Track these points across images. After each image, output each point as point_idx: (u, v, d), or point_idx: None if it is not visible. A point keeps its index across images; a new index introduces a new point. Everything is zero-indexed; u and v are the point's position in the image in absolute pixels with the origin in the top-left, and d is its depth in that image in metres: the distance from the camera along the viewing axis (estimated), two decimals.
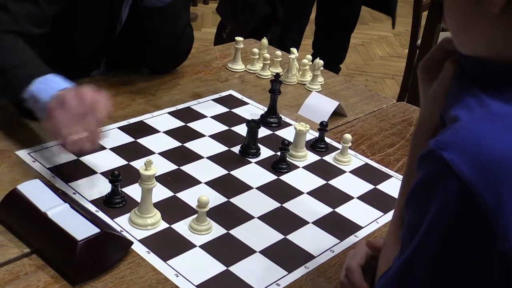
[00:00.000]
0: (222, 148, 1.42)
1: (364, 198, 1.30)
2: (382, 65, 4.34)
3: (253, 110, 1.61)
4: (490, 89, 0.70)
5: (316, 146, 1.45)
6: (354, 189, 1.33)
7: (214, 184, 1.28)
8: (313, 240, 1.16)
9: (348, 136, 1.40)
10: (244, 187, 1.28)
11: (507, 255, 0.63)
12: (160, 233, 1.13)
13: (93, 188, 1.22)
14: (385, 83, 4.08)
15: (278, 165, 1.36)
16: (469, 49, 0.75)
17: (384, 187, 1.35)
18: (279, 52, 1.85)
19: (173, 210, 1.18)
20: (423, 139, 0.82)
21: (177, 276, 1.03)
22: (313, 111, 1.58)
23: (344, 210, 1.26)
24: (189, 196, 1.23)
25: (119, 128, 1.44)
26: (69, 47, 1.50)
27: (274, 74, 1.56)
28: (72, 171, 1.26)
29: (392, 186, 1.35)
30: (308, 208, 1.25)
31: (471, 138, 0.65)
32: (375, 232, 1.20)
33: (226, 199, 1.24)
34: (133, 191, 1.21)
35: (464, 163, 0.64)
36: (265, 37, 1.88)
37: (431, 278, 0.69)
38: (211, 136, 1.46)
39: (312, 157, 1.42)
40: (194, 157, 1.37)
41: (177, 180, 1.28)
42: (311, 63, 1.80)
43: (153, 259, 1.06)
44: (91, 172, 1.27)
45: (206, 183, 1.28)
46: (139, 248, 1.08)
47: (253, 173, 1.34)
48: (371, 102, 1.74)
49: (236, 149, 1.42)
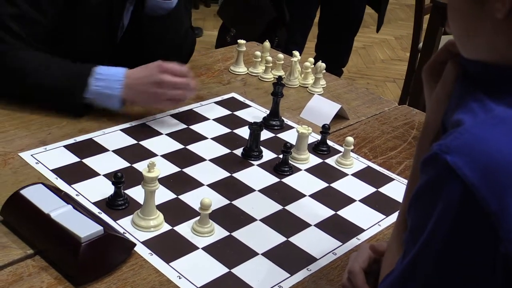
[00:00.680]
0: (224, 150, 1.42)
1: (366, 201, 1.31)
2: (383, 68, 4.35)
3: (255, 112, 1.61)
4: (494, 93, 0.70)
5: (318, 148, 1.46)
6: (356, 192, 1.33)
7: (216, 186, 1.28)
8: (315, 243, 1.16)
9: (350, 139, 1.41)
10: (246, 190, 1.29)
11: (510, 257, 0.64)
12: (162, 235, 1.13)
13: (96, 190, 1.22)
14: (386, 87, 4.08)
15: (281, 167, 1.36)
16: (472, 54, 0.75)
17: (386, 190, 1.35)
18: (281, 55, 1.85)
19: (175, 212, 1.19)
20: (428, 142, 0.82)
21: (179, 278, 1.03)
22: (315, 114, 1.59)
23: (346, 212, 1.26)
24: (191, 198, 1.23)
25: (122, 130, 1.45)
26: (70, 53, 1.50)
27: (276, 77, 1.56)
28: (75, 173, 1.27)
29: (394, 189, 1.35)
30: (310, 210, 1.25)
31: (474, 142, 0.66)
32: (377, 235, 1.21)
33: (228, 202, 1.24)
34: (136, 193, 1.21)
35: (467, 166, 0.65)
36: (266, 41, 1.88)
37: (434, 280, 0.69)
38: (214, 139, 1.46)
39: (314, 160, 1.43)
40: (197, 159, 1.37)
41: (180, 182, 1.28)
42: (313, 66, 1.80)
43: (155, 261, 1.07)
44: (94, 174, 1.27)
45: (208, 185, 1.28)
46: (142, 250, 1.08)
47: (255, 176, 1.34)
48: (373, 105, 1.75)
49: (239, 151, 1.42)
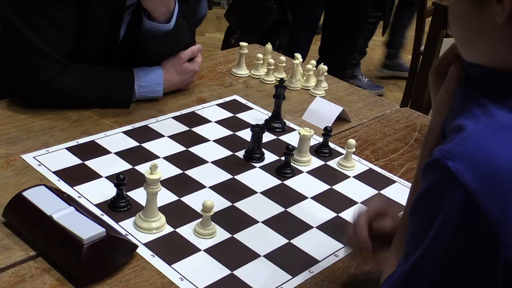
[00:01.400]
0: (226, 152, 1.42)
1: (368, 203, 1.31)
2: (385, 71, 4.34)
3: (257, 115, 1.61)
4: (496, 97, 0.71)
5: (320, 151, 1.46)
6: (358, 194, 1.33)
7: (218, 188, 1.29)
8: (317, 245, 1.16)
9: (352, 142, 1.41)
10: (248, 192, 1.29)
11: (510, 264, 0.64)
12: (164, 237, 1.13)
13: (98, 192, 1.22)
14: (388, 89, 4.08)
15: (283, 170, 1.37)
16: (473, 57, 0.76)
17: (388, 192, 1.35)
18: (283, 58, 1.86)
19: (177, 214, 1.19)
20: (432, 144, 0.82)
21: (181, 280, 1.03)
22: (317, 116, 1.59)
23: (348, 215, 1.26)
24: (193, 200, 1.23)
25: (124, 132, 1.45)
26: (72, 60, 1.51)
27: (278, 79, 1.56)
28: (77, 175, 1.27)
29: (396, 191, 1.35)
30: (312, 212, 1.25)
31: (476, 148, 0.66)
32: None
33: (230, 204, 1.24)
34: (138, 195, 1.21)
35: (469, 173, 0.65)
36: (268, 43, 1.88)
37: (436, 285, 0.69)
38: (216, 141, 1.47)
39: (316, 162, 1.43)
40: (199, 161, 1.38)
41: (182, 184, 1.28)
42: (315, 68, 1.81)
43: (158, 262, 1.07)
44: (96, 176, 1.27)
45: (210, 187, 1.29)
46: (144, 252, 1.09)
47: (257, 178, 1.34)
48: (375, 107, 1.75)
49: (241, 153, 1.42)
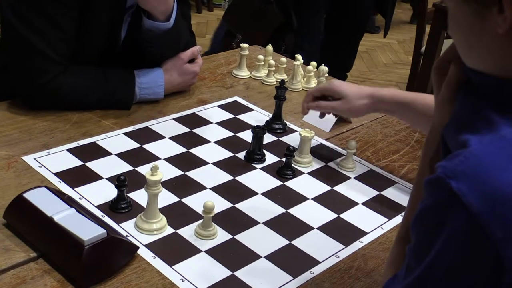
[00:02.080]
0: (227, 154, 1.42)
1: (368, 204, 1.31)
2: (386, 72, 4.35)
3: (258, 116, 1.61)
4: (500, 107, 0.69)
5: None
6: (358, 195, 1.33)
7: (219, 189, 1.29)
8: (318, 246, 1.16)
9: (353, 143, 1.41)
10: (249, 193, 1.29)
11: None
12: (165, 238, 1.13)
13: (99, 193, 1.22)
14: None
15: (283, 171, 1.37)
16: (473, 63, 0.74)
17: (388, 193, 1.35)
18: (284, 59, 1.86)
19: (178, 215, 1.19)
20: (434, 143, 0.82)
21: (182, 281, 1.03)
22: (318, 117, 1.59)
23: (349, 216, 1.26)
24: (194, 202, 1.23)
25: (125, 134, 1.45)
26: (72, 61, 1.51)
27: (279, 80, 1.56)
28: (78, 176, 1.27)
29: (397, 192, 1.35)
30: (313, 213, 1.25)
31: (480, 168, 0.64)
32: (380, 238, 1.21)
33: (231, 205, 1.24)
34: (139, 196, 1.21)
35: (473, 194, 0.63)
36: (269, 45, 1.88)
37: None
38: (217, 142, 1.47)
39: (316, 163, 1.43)
40: (200, 162, 1.38)
41: (183, 186, 1.28)
42: (316, 69, 1.81)
43: (159, 264, 1.07)
44: (97, 178, 1.27)
45: (211, 188, 1.29)
46: (145, 253, 1.09)
47: (258, 179, 1.34)
48: None
49: (241, 155, 1.42)
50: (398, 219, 1.26)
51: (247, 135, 1.48)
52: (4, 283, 0.98)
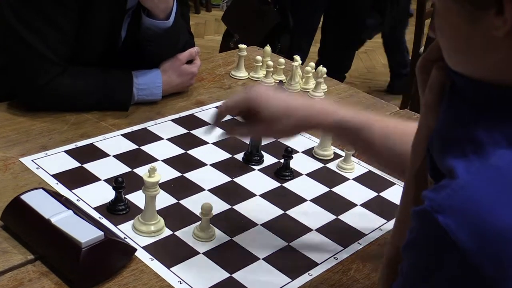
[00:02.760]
0: (225, 155, 1.42)
1: (367, 205, 1.30)
2: (385, 73, 4.34)
3: None
4: (488, 121, 0.65)
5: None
6: (357, 196, 1.33)
7: (217, 191, 1.28)
8: (316, 247, 1.16)
9: None
10: (247, 194, 1.29)
11: None
12: (163, 240, 1.13)
13: (96, 195, 1.22)
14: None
15: (282, 172, 1.36)
16: (460, 68, 0.70)
17: (387, 194, 1.35)
18: (282, 60, 1.85)
19: (176, 217, 1.19)
20: (420, 146, 0.78)
21: (180, 283, 1.03)
22: None
23: (347, 217, 1.26)
24: (192, 203, 1.23)
25: (123, 135, 1.44)
26: (72, 62, 1.51)
27: (277, 81, 1.56)
28: (76, 178, 1.27)
29: (396, 194, 1.35)
30: (312, 215, 1.25)
31: (469, 203, 0.61)
32: (379, 239, 1.20)
33: (229, 206, 1.24)
34: (137, 198, 1.21)
35: (462, 230, 0.60)
36: (267, 46, 1.88)
37: None
38: (215, 144, 1.46)
39: (315, 165, 1.43)
40: (198, 164, 1.37)
41: (181, 187, 1.28)
42: (314, 70, 1.80)
43: (156, 266, 1.06)
44: (95, 179, 1.27)
45: (209, 190, 1.28)
46: (142, 255, 1.08)
47: (256, 180, 1.34)
48: (374, 109, 1.74)
49: (240, 156, 1.42)
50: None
51: None
52: (1, 285, 0.98)
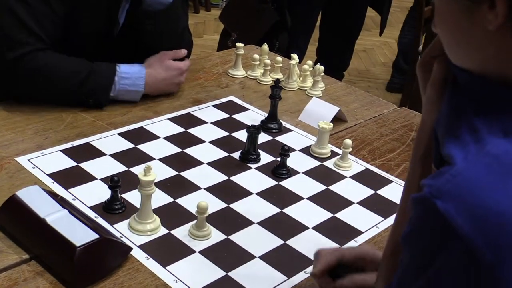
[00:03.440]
0: (222, 154, 1.42)
1: (364, 203, 1.30)
2: (384, 71, 4.34)
3: (253, 116, 1.61)
4: (487, 114, 0.67)
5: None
6: (354, 194, 1.33)
7: (214, 189, 1.28)
8: (313, 246, 1.15)
9: (349, 142, 1.40)
10: (244, 193, 1.28)
11: None
12: (159, 239, 1.12)
13: (92, 194, 1.22)
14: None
15: (278, 170, 1.36)
16: (460, 61, 0.72)
17: (384, 192, 1.34)
18: (279, 58, 1.85)
19: (172, 216, 1.18)
20: (423, 143, 0.80)
21: (176, 282, 1.03)
22: (314, 116, 1.58)
23: (344, 215, 1.25)
24: (188, 202, 1.22)
25: (119, 134, 1.44)
26: (67, 51, 1.50)
27: (275, 80, 1.56)
28: (72, 177, 1.26)
29: (393, 191, 1.34)
30: (308, 213, 1.24)
31: (466, 188, 0.62)
32: (375, 237, 1.20)
33: (226, 205, 1.24)
34: (133, 197, 1.21)
35: (460, 215, 0.61)
36: (265, 44, 1.88)
37: None
38: (211, 142, 1.46)
39: (312, 163, 1.42)
40: (194, 163, 1.37)
41: (177, 186, 1.28)
42: (311, 68, 1.80)
43: (152, 264, 1.06)
44: (91, 178, 1.27)
45: (206, 189, 1.28)
46: (138, 254, 1.08)
47: (253, 179, 1.33)
48: (372, 107, 1.74)
49: (236, 155, 1.41)
50: (394, 218, 1.25)
51: (242, 135, 1.48)
52: None
